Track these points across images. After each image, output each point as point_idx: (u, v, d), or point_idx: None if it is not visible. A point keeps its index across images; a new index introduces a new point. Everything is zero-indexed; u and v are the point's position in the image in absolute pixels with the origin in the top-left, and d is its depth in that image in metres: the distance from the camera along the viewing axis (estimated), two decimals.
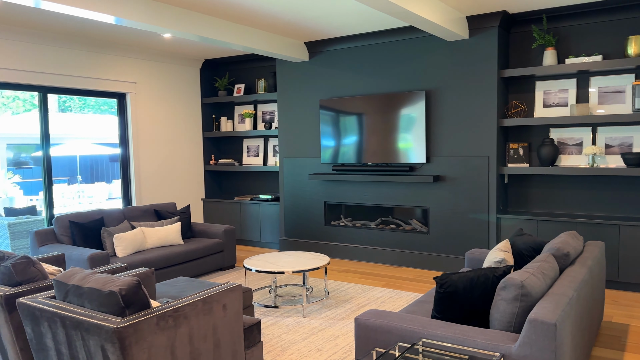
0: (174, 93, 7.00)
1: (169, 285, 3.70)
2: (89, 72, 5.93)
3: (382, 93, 5.75)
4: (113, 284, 2.37)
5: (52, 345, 2.46)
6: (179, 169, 7.11)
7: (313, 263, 4.30)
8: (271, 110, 7.17)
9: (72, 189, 13.96)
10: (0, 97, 19.45)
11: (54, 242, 4.86)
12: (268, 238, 6.88)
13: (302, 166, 6.45)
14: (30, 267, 2.91)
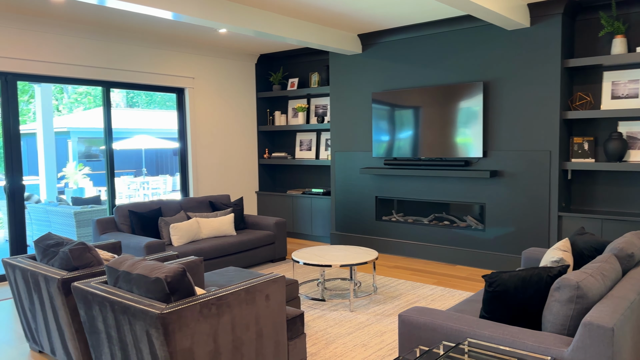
0: (230, 88, 7.15)
1: (218, 275, 3.77)
2: (150, 68, 6.16)
3: (437, 85, 5.59)
4: (160, 271, 2.44)
5: (102, 328, 2.57)
6: (234, 162, 7.26)
7: (361, 257, 4.25)
8: (324, 104, 7.16)
9: (138, 180, 14.59)
10: (73, 93, 20.39)
11: (114, 231, 5.10)
12: (319, 232, 6.88)
13: (353, 160, 6.40)
14: (85, 253, 3.05)
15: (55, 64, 5.31)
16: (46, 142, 9.98)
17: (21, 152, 5.17)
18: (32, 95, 18.45)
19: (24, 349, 3.41)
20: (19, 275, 3.16)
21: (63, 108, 22.58)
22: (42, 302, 3.02)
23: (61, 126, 16.85)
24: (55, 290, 2.86)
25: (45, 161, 10.10)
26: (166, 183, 14.89)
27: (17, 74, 5.10)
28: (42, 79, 5.34)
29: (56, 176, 11.53)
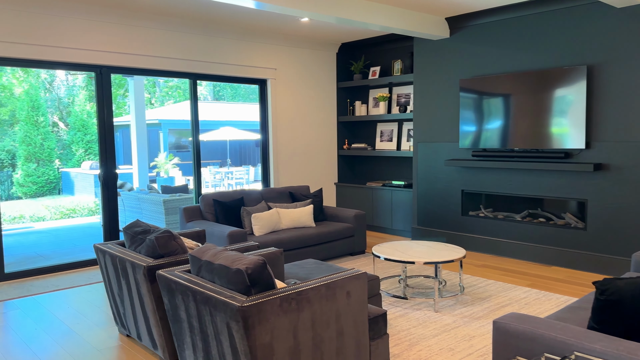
0: (311, 78, 7.08)
1: (298, 267, 3.70)
2: (234, 60, 6.23)
3: (533, 70, 5.14)
4: (241, 262, 2.39)
5: (185, 317, 2.57)
6: (314, 153, 7.20)
7: (447, 255, 4.00)
8: (406, 92, 6.89)
9: (223, 170, 15.09)
10: (164, 87, 21.50)
11: (199, 219, 5.21)
12: (400, 226, 6.66)
13: (438, 151, 6.09)
14: (171, 242, 3.09)
15: (146, 57, 5.50)
16: (139, 134, 10.54)
17: (114, 143, 5.42)
18: (127, 89, 19.67)
19: (114, 332, 3.55)
20: (108, 261, 3.28)
21: (155, 101, 23.96)
22: (130, 288, 3.10)
23: (153, 118, 17.85)
24: (141, 277, 2.91)
25: (138, 151, 10.68)
26: (249, 173, 15.28)
27: (111, 67, 5.35)
28: (133, 72, 5.57)
29: (148, 165, 12.19)
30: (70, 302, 4.21)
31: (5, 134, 17.78)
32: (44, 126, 16.66)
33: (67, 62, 5.01)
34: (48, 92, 20.45)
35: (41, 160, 16.53)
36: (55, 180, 16.92)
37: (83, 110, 19.05)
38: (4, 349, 3.28)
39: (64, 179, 16.90)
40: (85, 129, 18.39)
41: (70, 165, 18.24)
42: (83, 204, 12.39)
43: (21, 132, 16.27)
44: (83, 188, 15.20)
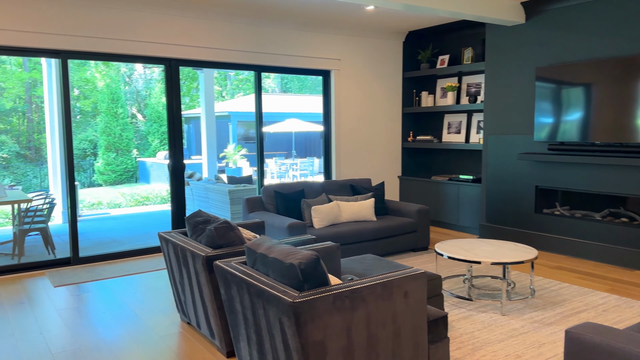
0: (376, 68, 6.92)
1: (356, 262, 3.62)
2: (298, 51, 6.20)
3: (618, 56, 4.69)
4: (294, 257, 2.34)
5: (240, 309, 2.56)
6: (377, 145, 7.05)
7: (517, 255, 3.75)
8: (477, 82, 6.55)
9: (288, 162, 15.27)
10: (235, 79, 22.06)
11: (261, 210, 5.26)
12: (466, 222, 6.37)
13: (510, 144, 5.75)
14: (229, 232, 3.10)
15: (212, 50, 5.60)
16: (208, 125, 10.85)
17: (182, 134, 5.58)
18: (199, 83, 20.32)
19: (175, 319, 3.65)
20: (171, 249, 3.35)
21: (226, 94, 24.66)
22: (190, 276, 3.15)
23: (223, 110, 18.36)
24: (200, 267, 2.95)
25: (207, 142, 11.00)
26: (313, 165, 15.35)
27: (179, 60, 5.49)
28: (201, 64, 5.68)
29: (217, 156, 12.54)
30: (137, 287, 4.38)
31: (88, 125, 18.99)
32: (123, 117, 17.62)
33: (138, 55, 5.20)
34: (127, 85, 21.61)
35: (120, 149, 17.50)
36: (133, 169, 17.87)
37: (159, 103, 19.95)
38: (74, 329, 3.46)
39: (141, 168, 17.81)
40: (160, 120, 19.24)
41: (147, 155, 19.20)
42: (156, 192, 12.98)
43: (102, 122, 17.30)
44: (157, 177, 15.95)
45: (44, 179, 14.38)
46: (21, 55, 4.69)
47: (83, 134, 18.27)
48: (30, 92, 17.34)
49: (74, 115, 19.45)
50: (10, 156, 16.43)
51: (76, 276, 4.67)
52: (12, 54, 4.64)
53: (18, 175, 16.06)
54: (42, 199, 6.27)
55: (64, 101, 4.95)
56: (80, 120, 19.50)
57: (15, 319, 3.64)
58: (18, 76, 16.98)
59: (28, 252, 5.73)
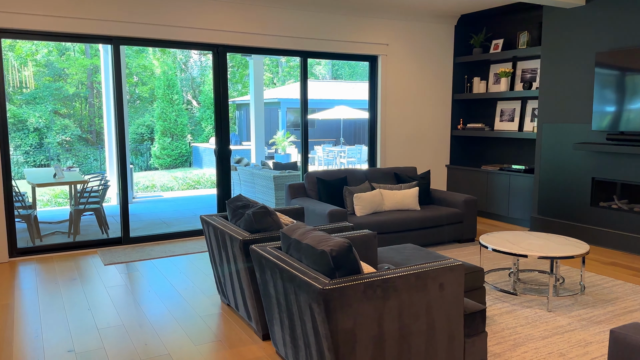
0: (425, 53, 6.73)
1: (395, 251, 3.56)
2: (344, 36, 6.13)
3: None
4: (326, 244, 2.32)
5: (273, 293, 2.58)
6: (425, 133, 6.89)
7: (567, 250, 3.57)
8: (533, 67, 6.25)
9: (336, 149, 15.24)
10: (286, 66, 22.20)
11: (303, 196, 5.27)
12: (517, 214, 6.13)
13: (566, 133, 5.46)
14: (266, 217, 3.12)
15: (259, 35, 5.62)
16: (256, 112, 10.97)
17: (228, 120, 5.66)
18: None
19: (216, 300, 3.73)
20: (211, 232, 3.42)
21: (277, 81, 24.86)
22: (228, 259, 3.21)
23: (273, 97, 18.52)
24: (237, 250, 2.99)
25: (256, 129, 11.14)
26: (361, 152, 15.26)
27: (226, 46, 5.55)
28: (248, 50, 5.73)
29: (265, 142, 12.68)
30: (182, 268, 4.52)
31: (146, 110, 19.70)
32: (178, 104, 18.14)
33: (187, 41, 5.30)
34: (183, 72, 22.20)
35: (175, 135, 18.06)
36: (187, 153, 18.41)
37: (212, 89, 20.39)
38: (120, 306, 3.61)
39: (194, 153, 18.33)
40: (214, 106, 19.65)
41: (200, 140, 19.72)
42: (207, 176, 13.32)
43: (158, 108, 17.88)
44: (209, 162, 16.36)
45: (103, 162, 15.07)
46: (78, 41, 4.89)
47: (141, 119, 18.98)
48: (91, 78, 18.16)
49: (133, 100, 20.24)
50: (73, 139, 17.32)
51: (126, 255, 4.87)
52: (69, 40, 4.85)
53: (79, 157, 16.93)
54: (98, 180, 6.56)
55: (116, 86, 5.13)
56: (138, 105, 20.28)
57: (67, 294, 3.84)
58: (80, 63, 17.79)
59: (83, 231, 6.03)
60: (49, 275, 4.29)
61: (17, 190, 5.40)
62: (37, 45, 16.77)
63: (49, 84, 17.13)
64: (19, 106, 16.06)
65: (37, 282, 4.10)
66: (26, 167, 15.37)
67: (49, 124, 16.46)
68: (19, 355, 2.87)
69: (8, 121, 4.51)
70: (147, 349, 2.95)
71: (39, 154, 15.94)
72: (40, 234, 5.56)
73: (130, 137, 18.37)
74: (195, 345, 3.01)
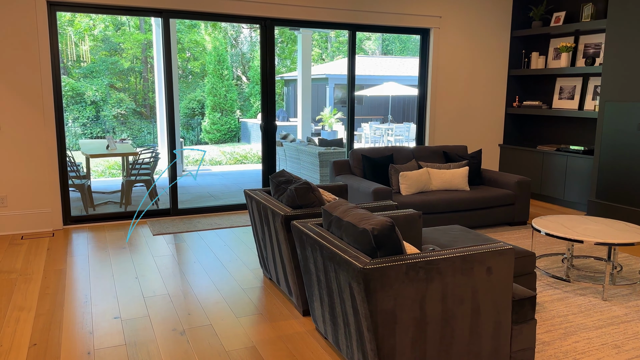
0: (481, 26, 6.41)
1: (441, 232, 3.45)
2: (395, 8, 5.91)
3: None
4: (368, 222, 2.25)
5: (313, 270, 2.55)
6: (477, 111, 6.61)
7: (626, 236, 3.34)
8: (597, 42, 5.83)
9: (383, 127, 15.01)
10: (335, 42, 21.95)
11: (348, 173, 5.20)
12: (573, 197, 5.82)
13: (631, 113, 5.09)
14: (309, 193, 3.08)
15: (306, 8, 5.51)
16: (304, 88, 10.90)
17: (274, 95, 5.62)
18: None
19: (259, 274, 3.76)
20: (254, 207, 3.42)
21: (326, 57, 24.62)
22: (270, 234, 3.20)
23: (322, 73, 18.36)
24: (279, 225, 2.97)
25: (302, 105, 11.09)
26: (409, 130, 14.95)
27: (274, 19, 5.48)
28: (296, 23, 5.64)
29: (311, 119, 12.62)
30: (227, 240, 4.58)
31: (197, 86, 20.04)
32: (228, 79, 18.32)
33: (235, 14, 5.26)
34: (233, 48, 22.36)
35: (224, 110, 18.30)
36: (236, 129, 18.65)
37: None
38: (166, 276, 3.70)
39: (243, 129, 18.54)
40: (260, 82, 19.73)
41: (249, 116, 19.91)
42: (255, 151, 13.45)
43: (209, 84, 18.12)
44: (257, 137, 16.52)
45: (156, 135, 15.50)
46: (129, 14, 4.96)
47: (192, 94, 19.34)
48: (146, 53, 18.59)
49: (185, 75, 20.62)
50: (128, 113, 17.89)
51: (174, 226, 4.99)
52: (121, 12, 4.92)
53: (134, 131, 17.49)
54: (149, 153, 6.73)
55: (166, 60, 5.18)
56: (190, 81, 20.65)
57: (116, 263, 3.97)
58: (135, 37, 18.21)
59: (135, 201, 6.22)
60: (101, 243, 4.45)
61: (72, 160, 5.61)
62: (94, 20, 17.28)
63: (105, 58, 17.68)
64: (77, 79, 16.70)
65: (89, 250, 4.26)
66: (83, 138, 16.04)
67: (105, 97, 17.04)
68: (69, 318, 2.99)
69: (66, 94, 4.65)
70: (190, 318, 3.01)
71: (96, 127, 16.58)
72: (93, 204, 5.78)
73: (182, 111, 18.78)
74: (237, 317, 3.04)
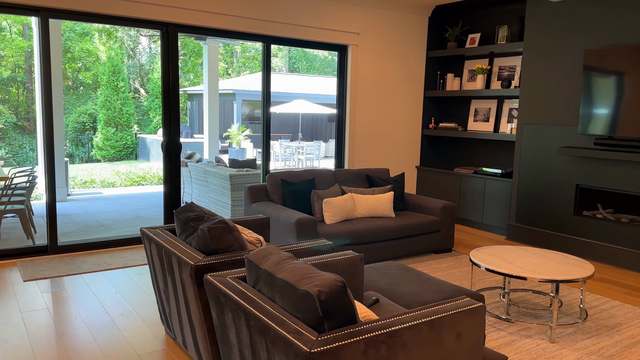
0: (397, 45, 6.22)
1: (378, 273, 3.01)
2: (312, 22, 5.52)
3: None
4: (310, 282, 1.72)
5: (235, 342, 1.96)
6: (394, 132, 6.39)
7: (570, 271, 3.13)
8: (511, 65, 5.86)
9: (293, 145, 14.58)
10: (241, 57, 21.25)
11: (265, 200, 4.64)
12: (492, 221, 5.75)
13: (549, 136, 5.09)
14: (226, 235, 2.48)
15: (216, 15, 4.92)
16: (211, 102, 10.18)
17: (179, 110, 4.94)
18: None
19: (159, 331, 3.06)
20: (154, 250, 2.74)
21: (232, 71, 23.84)
22: (175, 287, 2.55)
23: (228, 88, 17.62)
24: (187, 279, 2.34)
25: (209, 121, 10.35)
26: (320, 149, 14.71)
27: (178, 25, 4.82)
28: (203, 31, 5.01)
29: (219, 136, 11.87)
30: (119, 286, 3.79)
31: (89, 98, 18.33)
32: (124, 91, 16.93)
33: (130, 17, 4.52)
34: (131, 59, 20.87)
35: (120, 124, 16.85)
36: (133, 145, 17.23)
37: (160, 75, 19.25)
38: (35, 338, 2.87)
39: (141, 145, 17.18)
40: (162, 94, 18.57)
41: (148, 131, 18.54)
42: (154, 171, 12.36)
43: (102, 96, 16.61)
44: (158, 155, 15.33)
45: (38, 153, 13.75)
46: (1, 12, 4.04)
47: (83, 107, 17.62)
48: (30, 62, 16.68)
49: (76, 87, 18.80)
50: (7, 127, 15.84)
51: (51, 268, 4.08)
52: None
53: (14, 147, 15.49)
54: (25, 175, 5.66)
55: (44, 67, 4.31)
56: (82, 92, 18.84)
57: None
58: (17, 44, 16.32)
59: (6, 235, 5.15)
60: None
61: None
62: None
63: None
64: None
65: None
66: None
67: None
68: None
69: None
70: None
71: None
72: None
73: (71, 125, 17.04)
74: None
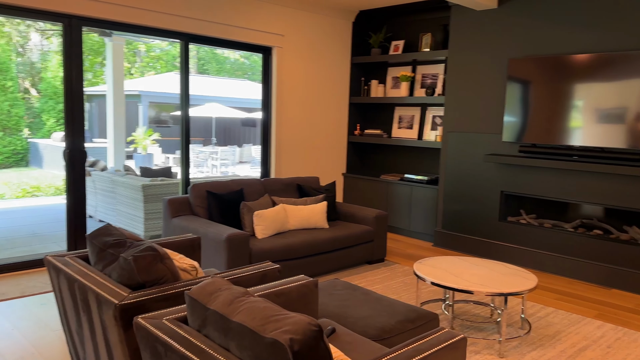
0: (323, 49, 6.04)
1: (325, 294, 2.76)
2: (235, 21, 5.16)
3: (609, 51, 4.22)
4: (278, 327, 1.42)
5: None
6: (321, 138, 6.20)
7: (516, 283, 3.09)
8: (434, 73, 5.92)
9: (207, 150, 13.94)
10: (146, 56, 20.00)
11: (188, 214, 4.21)
12: (419, 227, 5.75)
13: (474, 144, 5.17)
14: (156, 264, 2.09)
15: (126, 8, 4.40)
16: (116, 104, 9.36)
17: (83, 113, 4.35)
18: (105, 57, 18.18)
19: None
20: (63, 284, 2.26)
21: (135, 72, 22.42)
22: (93, 329, 2.10)
23: (133, 89, 16.49)
24: (110, 320, 1.92)
25: (115, 125, 9.51)
26: (235, 154, 14.21)
27: (83, 18, 4.24)
28: (112, 26, 4.47)
29: (125, 140, 10.99)
30: (16, 321, 3.19)
31: None
32: (13, 92, 15.28)
33: (25, 6, 3.88)
34: (20, 56, 18.90)
35: (8, 128, 15.18)
36: (23, 151, 15.60)
37: (56, 77, 17.64)
38: None
39: (32, 151, 15.58)
40: (57, 97, 17.08)
41: (40, 135, 16.87)
42: (50, 180, 11.17)
43: None
44: (53, 161, 13.94)
45: None
46: None
47: None
48: None
49: None
50: None
51: None
52: None
53: None
54: None
55: None
56: None
57: None
58: None
59: None
60: None
61: None
62: None
63: None
64: None
65: None
66: None
67: None
68: None
69: None
70: None
71: None
72: None
73: None
74: None
